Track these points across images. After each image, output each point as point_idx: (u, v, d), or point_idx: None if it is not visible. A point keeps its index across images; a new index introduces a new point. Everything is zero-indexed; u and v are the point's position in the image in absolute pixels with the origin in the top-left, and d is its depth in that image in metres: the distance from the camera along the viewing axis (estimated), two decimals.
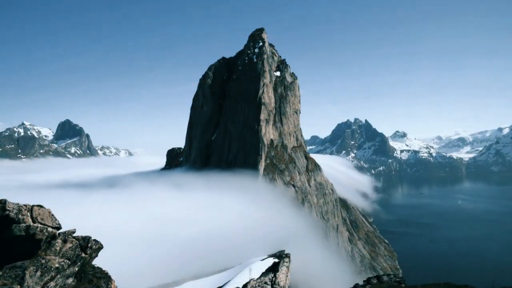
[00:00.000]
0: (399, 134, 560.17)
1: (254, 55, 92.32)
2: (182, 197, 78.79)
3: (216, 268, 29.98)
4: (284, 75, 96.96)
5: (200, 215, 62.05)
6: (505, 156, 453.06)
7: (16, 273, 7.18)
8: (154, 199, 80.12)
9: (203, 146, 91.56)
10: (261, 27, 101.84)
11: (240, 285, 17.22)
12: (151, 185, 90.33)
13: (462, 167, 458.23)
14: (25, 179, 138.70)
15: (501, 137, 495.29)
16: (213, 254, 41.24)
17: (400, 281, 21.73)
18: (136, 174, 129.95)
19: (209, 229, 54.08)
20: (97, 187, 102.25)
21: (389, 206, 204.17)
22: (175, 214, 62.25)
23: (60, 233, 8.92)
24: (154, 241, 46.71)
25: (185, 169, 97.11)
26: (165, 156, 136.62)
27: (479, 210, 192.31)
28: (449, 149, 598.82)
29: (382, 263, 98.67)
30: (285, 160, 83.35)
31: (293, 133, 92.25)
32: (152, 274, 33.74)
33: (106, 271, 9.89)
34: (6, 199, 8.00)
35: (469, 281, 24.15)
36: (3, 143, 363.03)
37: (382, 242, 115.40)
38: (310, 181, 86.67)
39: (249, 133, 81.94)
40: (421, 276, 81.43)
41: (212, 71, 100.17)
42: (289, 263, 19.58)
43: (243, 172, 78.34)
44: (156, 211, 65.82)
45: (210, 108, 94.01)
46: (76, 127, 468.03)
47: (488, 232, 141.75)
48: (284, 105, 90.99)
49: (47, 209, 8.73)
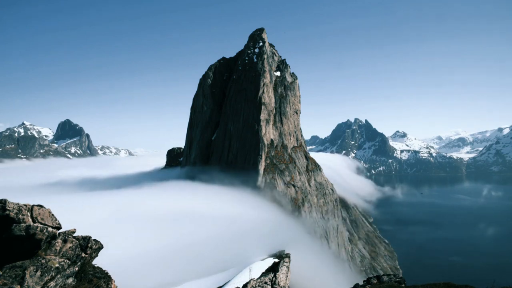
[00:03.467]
0: (399, 134, 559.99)
1: (254, 55, 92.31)
2: (182, 198, 78.78)
3: (216, 268, 29.99)
4: (284, 75, 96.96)
5: (200, 216, 62.05)
6: (505, 156, 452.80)
7: (16, 273, 7.19)
8: (154, 199, 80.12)
9: (203, 146, 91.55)
10: (261, 27, 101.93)
11: (240, 285, 17.21)
12: (152, 185, 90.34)
13: (462, 167, 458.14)
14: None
15: (501, 137, 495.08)
16: (213, 254, 41.25)
17: (400, 281, 21.72)
18: (137, 174, 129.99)
19: (209, 229, 54.10)
20: (98, 187, 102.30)
21: (389, 206, 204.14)
22: (175, 215, 62.23)
23: (60, 233, 8.93)
24: (154, 241, 46.72)
25: (185, 170, 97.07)
26: (165, 156, 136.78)
27: (479, 210, 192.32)
28: (449, 149, 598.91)
29: (382, 263, 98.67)
30: (285, 160, 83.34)
31: (293, 133, 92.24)
32: (152, 274, 33.75)
33: (106, 271, 9.89)
34: (7, 199, 8.01)
35: (469, 281, 24.12)
36: (3, 143, 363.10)
37: (382, 242, 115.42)
38: (310, 181, 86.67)
39: (249, 133, 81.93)
40: (421, 276, 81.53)
41: (212, 71, 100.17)
42: (289, 263, 19.58)
43: (243, 174, 78.35)
44: (156, 211, 65.82)
45: (210, 108, 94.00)
46: (76, 127, 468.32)
47: (488, 232, 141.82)
48: (284, 105, 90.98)
49: (47, 209, 8.74)
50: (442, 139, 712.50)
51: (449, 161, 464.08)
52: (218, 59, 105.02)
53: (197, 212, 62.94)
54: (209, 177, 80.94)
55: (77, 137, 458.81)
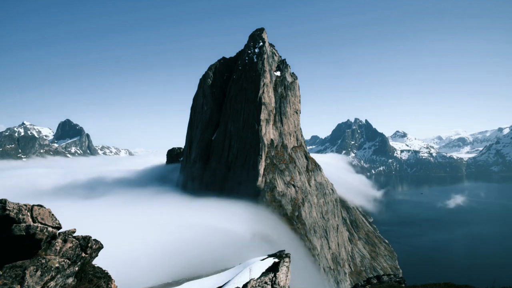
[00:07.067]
0: (399, 134, 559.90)
1: (254, 55, 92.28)
2: (182, 198, 78.90)
3: (216, 268, 29.98)
4: (284, 75, 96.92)
5: (200, 216, 62.11)
6: (505, 156, 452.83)
7: (16, 273, 7.19)
8: (154, 200, 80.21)
9: (203, 146, 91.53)
10: (262, 27, 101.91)
11: (240, 285, 17.20)
12: (152, 185, 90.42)
13: (462, 167, 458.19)
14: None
15: (501, 137, 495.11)
16: (213, 254, 41.26)
17: (400, 281, 21.73)
18: (138, 175, 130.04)
19: (209, 230, 54.15)
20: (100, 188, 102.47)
21: (389, 206, 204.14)
22: (175, 215, 62.33)
23: (60, 232, 8.93)
24: (154, 241, 46.76)
25: (186, 169, 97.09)
26: (165, 156, 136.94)
27: (479, 210, 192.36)
28: (449, 149, 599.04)
29: (382, 263, 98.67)
30: (285, 160, 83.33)
31: (293, 133, 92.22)
32: (152, 274, 33.75)
33: (106, 271, 9.89)
34: (7, 199, 8.01)
35: (469, 281, 24.15)
36: (3, 143, 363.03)
37: (382, 242, 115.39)
38: (310, 181, 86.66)
39: (249, 133, 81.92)
40: (421, 276, 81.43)
41: (212, 71, 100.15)
42: (289, 263, 19.58)
43: (243, 174, 78.35)
44: (157, 211, 65.93)
45: (210, 108, 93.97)
46: (76, 127, 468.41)
47: (488, 232, 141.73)
48: (284, 105, 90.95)
49: (47, 209, 8.73)
50: (442, 139, 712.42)
51: (449, 161, 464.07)
52: (218, 59, 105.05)
53: (196, 213, 63.12)
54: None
55: (77, 137, 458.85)
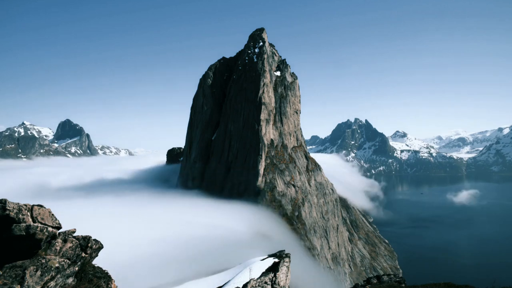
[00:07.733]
0: (399, 134, 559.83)
1: (254, 55, 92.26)
2: (182, 198, 78.89)
3: (216, 268, 29.99)
4: (284, 75, 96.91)
5: (200, 216, 62.10)
6: (505, 156, 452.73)
7: (16, 273, 7.19)
8: (154, 200, 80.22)
9: (203, 146, 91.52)
10: (262, 27, 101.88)
11: (240, 285, 17.21)
12: (152, 185, 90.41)
13: (462, 167, 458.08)
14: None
15: (501, 137, 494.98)
16: (213, 254, 41.26)
17: (400, 281, 21.73)
18: (138, 175, 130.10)
19: (209, 230, 54.13)
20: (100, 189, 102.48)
21: (389, 206, 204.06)
22: (175, 215, 62.30)
23: (60, 232, 8.92)
24: (154, 241, 46.74)
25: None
26: (165, 156, 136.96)
27: (479, 210, 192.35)
28: (449, 149, 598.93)
29: (382, 263, 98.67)
30: (285, 160, 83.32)
31: (293, 133, 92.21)
32: (152, 274, 33.76)
33: (106, 271, 9.89)
34: (7, 199, 8.01)
35: (469, 281, 24.16)
36: (3, 143, 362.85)
37: (382, 242, 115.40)
38: (310, 181, 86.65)
39: (249, 133, 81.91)
40: (421, 276, 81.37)
41: (213, 71, 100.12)
42: (289, 263, 19.58)
43: (243, 174, 78.30)
44: (157, 211, 65.92)
45: (210, 108, 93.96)
46: (76, 127, 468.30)
47: (488, 232, 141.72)
48: (284, 105, 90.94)
49: (47, 208, 8.73)
50: (442, 139, 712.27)
51: (449, 161, 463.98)
52: (218, 59, 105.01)
53: (196, 213, 63.09)
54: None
55: (77, 137, 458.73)
